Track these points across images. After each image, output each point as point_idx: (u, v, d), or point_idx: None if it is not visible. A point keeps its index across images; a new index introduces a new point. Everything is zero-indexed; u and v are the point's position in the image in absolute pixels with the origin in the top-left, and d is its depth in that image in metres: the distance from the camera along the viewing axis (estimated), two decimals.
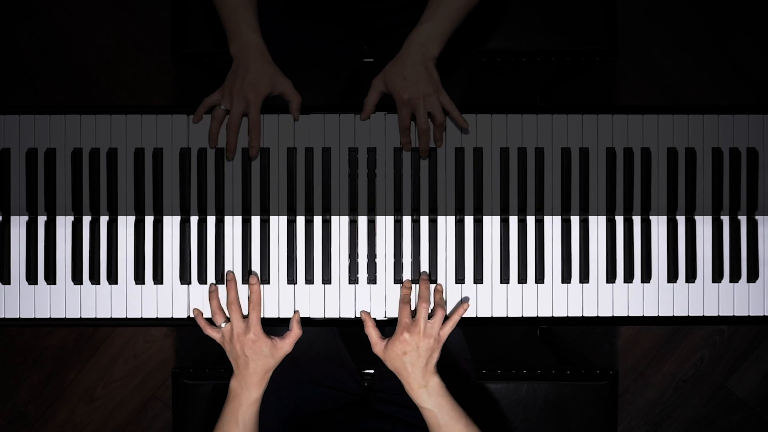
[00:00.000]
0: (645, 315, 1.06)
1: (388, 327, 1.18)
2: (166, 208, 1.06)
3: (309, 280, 1.05)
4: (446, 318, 1.02)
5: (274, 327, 1.06)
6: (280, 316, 1.06)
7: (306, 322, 1.06)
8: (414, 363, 0.98)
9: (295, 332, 1.02)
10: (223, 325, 1.02)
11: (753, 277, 1.06)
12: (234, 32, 1.04)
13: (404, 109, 1.03)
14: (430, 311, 1.02)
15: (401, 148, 1.06)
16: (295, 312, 1.06)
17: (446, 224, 1.06)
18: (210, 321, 1.04)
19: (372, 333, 1.02)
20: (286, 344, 1.01)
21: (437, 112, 1.03)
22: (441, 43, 1.03)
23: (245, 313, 1.03)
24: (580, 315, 1.06)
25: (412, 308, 1.03)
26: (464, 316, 1.05)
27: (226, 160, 1.05)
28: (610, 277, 1.06)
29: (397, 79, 1.01)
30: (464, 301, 1.06)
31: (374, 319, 1.06)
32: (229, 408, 1.00)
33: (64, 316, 1.06)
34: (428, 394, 0.98)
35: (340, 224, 1.06)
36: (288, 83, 1.05)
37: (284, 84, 1.05)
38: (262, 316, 1.03)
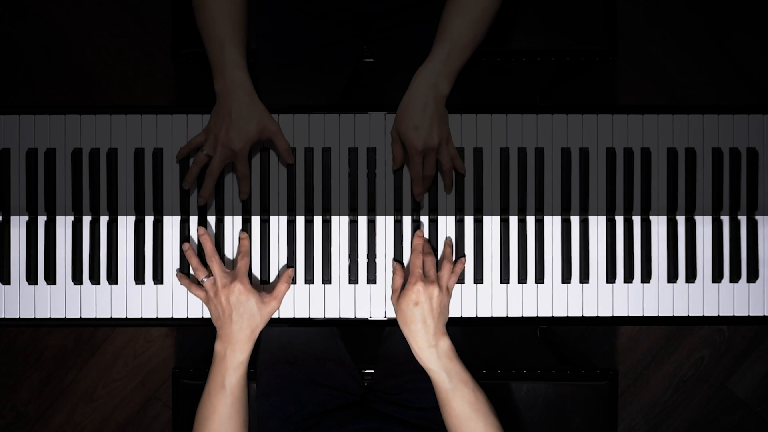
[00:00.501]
0: (645, 315, 1.06)
1: (388, 327, 1.18)
2: (166, 208, 1.06)
3: (309, 280, 1.05)
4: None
5: (270, 326, 1.06)
6: (280, 316, 1.06)
7: (306, 322, 1.06)
8: (426, 318, 0.96)
9: (283, 287, 1.00)
10: (205, 279, 0.99)
11: (753, 277, 1.06)
12: (219, 69, 1.00)
13: (416, 158, 1.00)
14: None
15: None
16: (288, 268, 1.04)
17: (446, 224, 1.06)
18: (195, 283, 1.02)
19: (397, 280, 1.02)
20: (274, 300, 0.99)
21: (446, 161, 1.02)
22: (451, 81, 0.99)
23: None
24: (580, 315, 1.06)
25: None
26: (464, 316, 1.05)
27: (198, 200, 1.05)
28: (610, 277, 1.06)
29: (410, 129, 0.98)
30: (460, 257, 1.05)
31: (374, 320, 1.06)
32: (214, 372, 0.97)
33: (64, 316, 1.06)
34: (437, 355, 0.95)
35: (340, 224, 1.06)
36: (275, 127, 1.02)
37: (271, 128, 1.01)
38: None
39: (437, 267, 1.03)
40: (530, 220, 1.06)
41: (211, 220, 1.06)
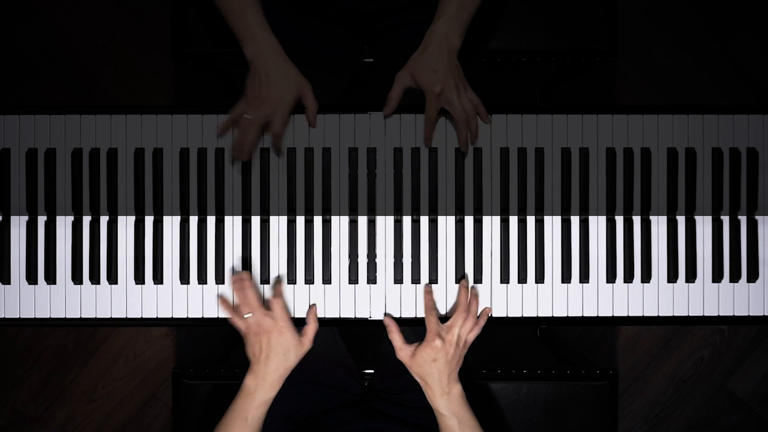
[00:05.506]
0: (645, 315, 1.06)
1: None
2: (166, 208, 1.06)
3: (309, 280, 1.05)
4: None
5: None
6: None
7: (305, 322, 1.06)
8: (442, 370, 0.97)
9: (312, 326, 1.02)
10: (248, 316, 0.99)
11: (753, 277, 1.06)
12: (246, 35, 1.01)
13: (434, 103, 1.02)
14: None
15: (401, 148, 1.06)
16: (311, 306, 1.04)
17: (446, 224, 1.06)
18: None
19: (396, 338, 1.01)
20: (307, 342, 1.01)
21: (468, 106, 1.02)
22: (461, 34, 1.02)
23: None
24: (580, 315, 1.06)
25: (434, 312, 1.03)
26: None
27: (232, 162, 1.05)
28: (610, 277, 1.06)
29: (426, 72, 1.00)
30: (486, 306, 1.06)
31: (374, 319, 1.06)
32: (239, 404, 0.98)
33: (64, 316, 1.06)
34: (449, 401, 0.97)
35: (340, 224, 1.06)
36: (308, 86, 1.04)
37: (305, 87, 1.04)
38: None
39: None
40: (530, 220, 1.06)
41: (211, 220, 1.06)
